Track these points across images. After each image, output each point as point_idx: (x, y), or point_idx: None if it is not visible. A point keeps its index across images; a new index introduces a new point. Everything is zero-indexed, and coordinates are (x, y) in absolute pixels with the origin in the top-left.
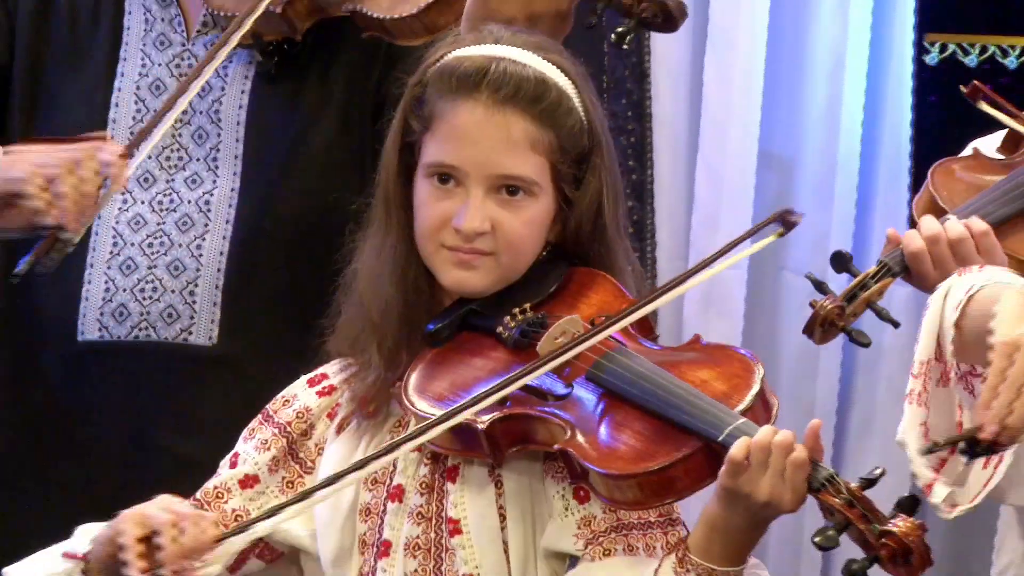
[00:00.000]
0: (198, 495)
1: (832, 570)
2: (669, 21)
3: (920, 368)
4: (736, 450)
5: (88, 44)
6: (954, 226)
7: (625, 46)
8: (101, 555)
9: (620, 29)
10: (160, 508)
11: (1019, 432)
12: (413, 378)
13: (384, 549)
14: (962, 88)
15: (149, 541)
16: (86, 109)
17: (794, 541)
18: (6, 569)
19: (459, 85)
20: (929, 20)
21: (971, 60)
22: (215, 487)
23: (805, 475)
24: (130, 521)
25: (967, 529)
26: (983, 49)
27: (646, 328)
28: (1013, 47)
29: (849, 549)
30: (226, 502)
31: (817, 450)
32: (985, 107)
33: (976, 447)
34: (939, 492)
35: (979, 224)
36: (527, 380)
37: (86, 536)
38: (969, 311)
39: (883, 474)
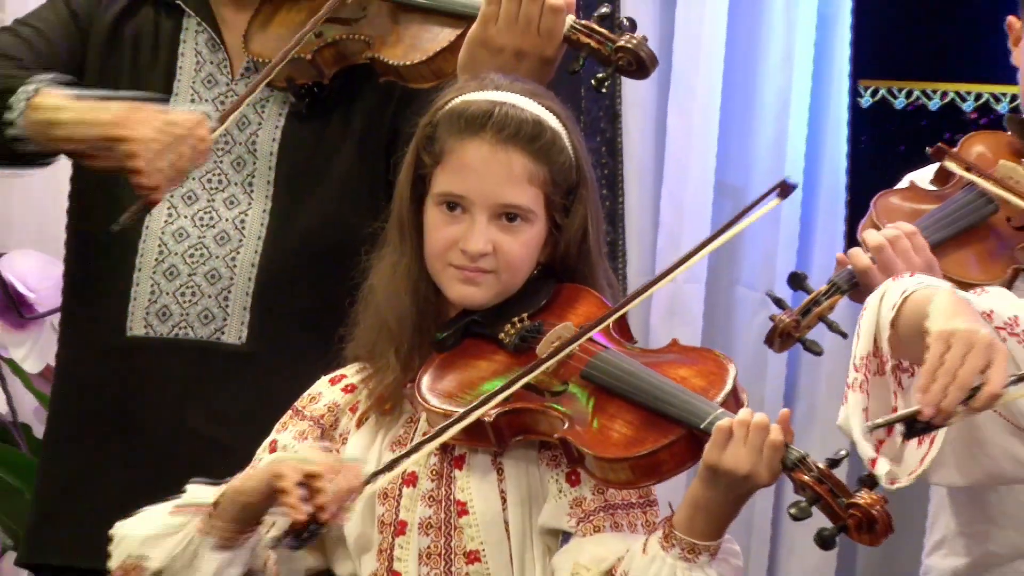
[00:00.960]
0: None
1: (777, 545)
2: (642, 69)
3: (860, 361)
4: (722, 423)
5: (146, 76)
6: (889, 230)
7: (603, 90)
8: (244, 500)
9: (600, 75)
10: (315, 456)
11: (952, 414)
12: (425, 379)
13: (400, 528)
14: (928, 150)
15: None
16: None
17: (746, 520)
18: (117, 526)
19: (467, 125)
20: (862, 67)
21: (899, 103)
22: (257, 461)
23: (780, 454)
24: (289, 466)
25: (902, 508)
26: (909, 93)
27: (628, 334)
28: (936, 91)
29: (814, 523)
30: None
31: (788, 433)
32: (949, 165)
33: (914, 426)
34: (881, 467)
35: (908, 226)
36: (534, 376)
37: (200, 491)
38: (904, 310)
39: (847, 455)
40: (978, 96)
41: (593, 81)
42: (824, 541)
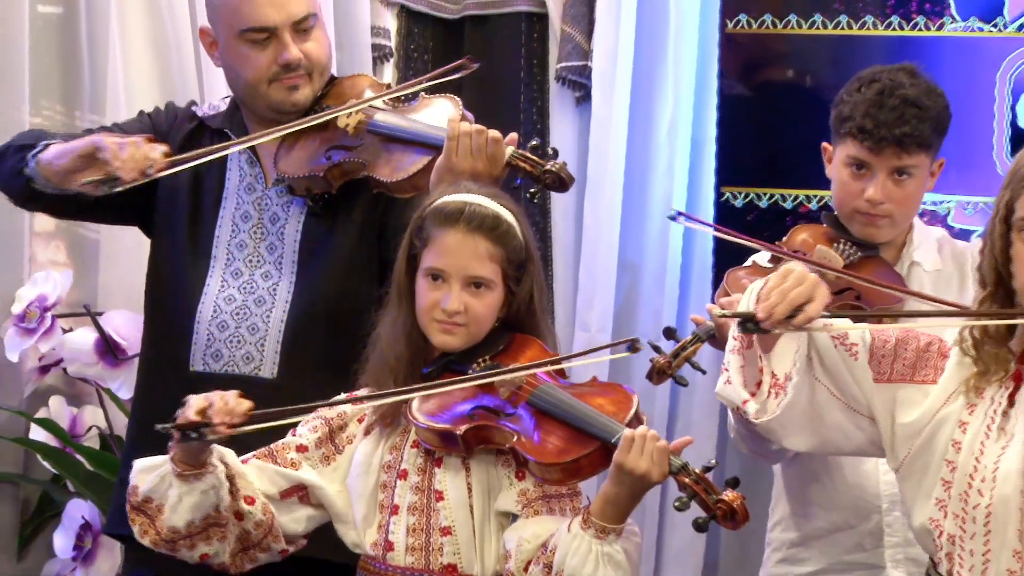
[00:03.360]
0: (272, 447)
1: (663, 528)
2: (563, 186)
3: (734, 342)
4: (628, 433)
5: (205, 182)
6: (736, 297)
7: (535, 201)
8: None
9: (532, 190)
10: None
11: (778, 322)
12: (415, 402)
13: (394, 510)
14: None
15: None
16: (201, 227)
17: (639, 511)
18: (134, 463)
19: (446, 219)
20: (725, 177)
21: (738, 202)
22: (283, 444)
23: (667, 459)
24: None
25: (753, 494)
26: (744, 195)
27: (561, 372)
28: (763, 194)
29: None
30: (287, 453)
31: (676, 450)
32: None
33: (748, 324)
34: (752, 406)
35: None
36: (483, 381)
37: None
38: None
39: (716, 464)
40: (820, 199)
41: (527, 194)
42: (699, 527)
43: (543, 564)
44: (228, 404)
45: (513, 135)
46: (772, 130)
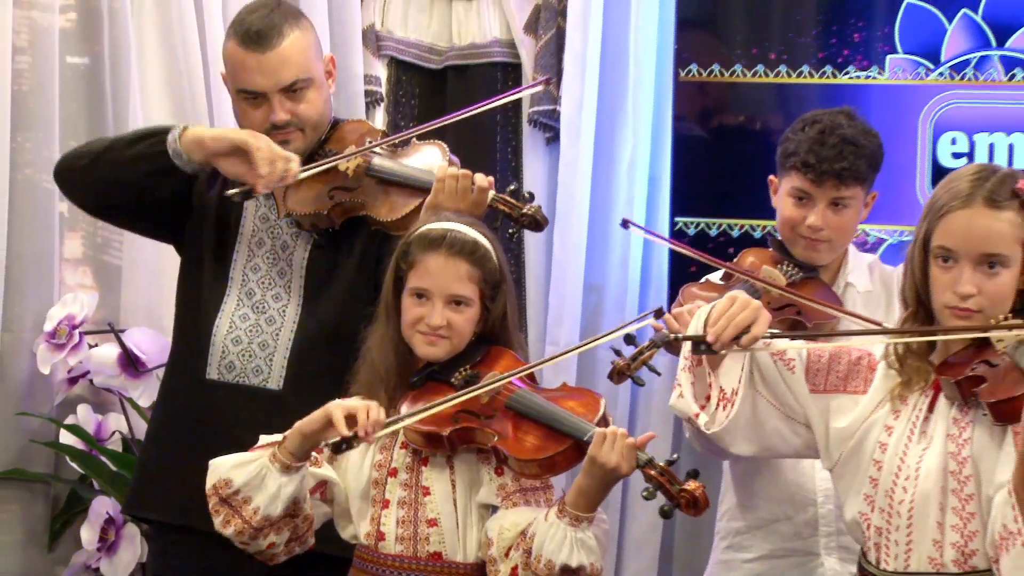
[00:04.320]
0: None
1: (625, 516)
2: (538, 227)
3: (685, 361)
4: (600, 431)
5: (228, 207)
6: (689, 307)
7: (513, 240)
8: (305, 430)
9: (511, 230)
10: (354, 401)
11: (726, 344)
12: (403, 408)
13: (385, 504)
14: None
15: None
16: (222, 250)
17: (602, 504)
18: (212, 461)
19: (430, 244)
20: (678, 208)
21: (691, 231)
22: None
23: (635, 454)
24: (338, 405)
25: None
26: (696, 225)
27: (534, 379)
28: (713, 224)
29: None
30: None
31: (642, 446)
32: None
33: (700, 346)
34: (702, 419)
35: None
36: (468, 396)
37: (271, 437)
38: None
39: (678, 458)
40: (764, 227)
41: (507, 234)
42: (665, 514)
43: (523, 550)
44: (373, 416)
45: (490, 179)
46: (721, 167)
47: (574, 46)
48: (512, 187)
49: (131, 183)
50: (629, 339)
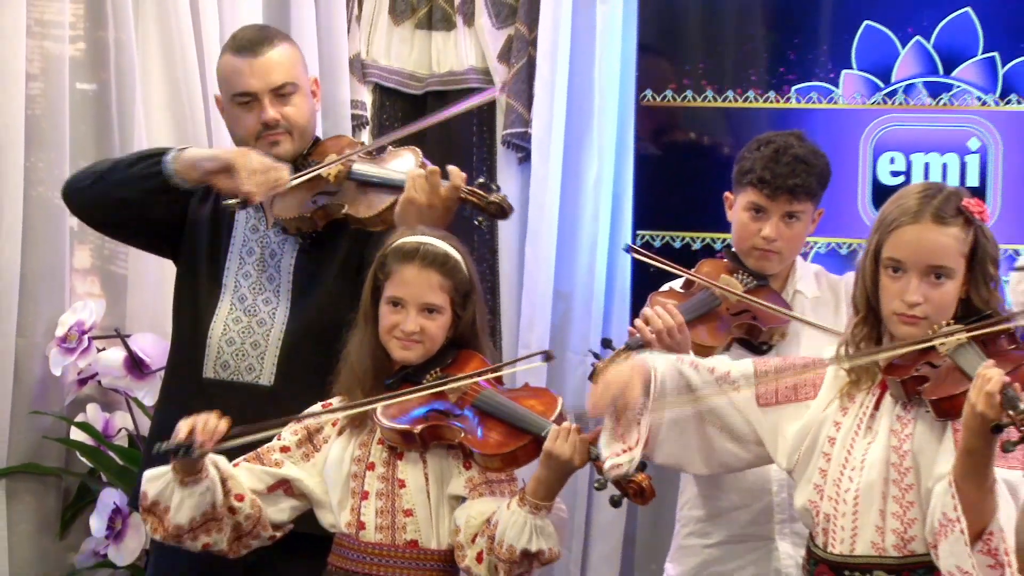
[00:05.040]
0: (259, 451)
1: (592, 507)
2: (505, 215)
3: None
4: (555, 428)
5: (221, 219)
6: (664, 316)
7: (482, 226)
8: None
9: (479, 219)
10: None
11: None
12: (379, 408)
13: (364, 495)
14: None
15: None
16: (215, 259)
17: (571, 494)
18: (144, 472)
19: (404, 256)
20: (641, 221)
21: (657, 243)
22: (268, 447)
23: (587, 448)
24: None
25: (667, 482)
26: (661, 238)
27: (500, 380)
28: (676, 236)
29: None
30: (271, 455)
31: (594, 440)
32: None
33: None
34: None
35: (679, 317)
36: (438, 390)
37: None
38: None
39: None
40: (724, 240)
41: (476, 221)
42: (614, 503)
43: (487, 536)
44: (210, 426)
45: (463, 174)
46: (679, 183)
47: (544, 74)
48: (480, 180)
49: (132, 201)
50: (606, 343)
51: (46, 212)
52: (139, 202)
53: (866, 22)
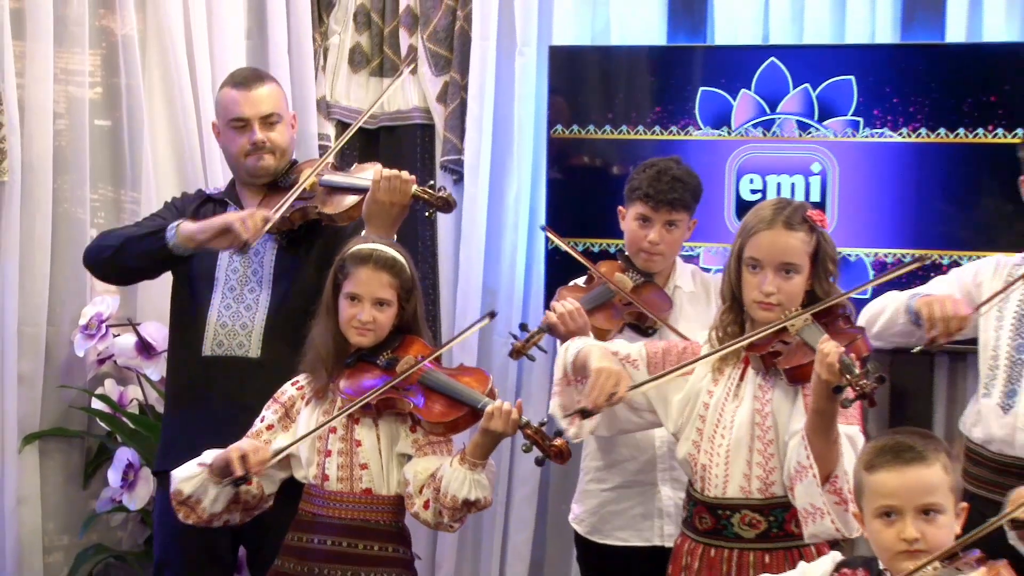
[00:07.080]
0: (249, 433)
1: (515, 461)
2: (450, 208)
3: (558, 381)
4: (489, 409)
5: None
6: (566, 304)
7: (431, 219)
8: (218, 463)
9: (428, 212)
10: (247, 443)
11: (600, 407)
12: (341, 382)
13: (328, 453)
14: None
15: (243, 457)
16: (208, 257)
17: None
18: (173, 472)
19: (360, 260)
20: (556, 227)
21: (580, 247)
22: (256, 431)
23: (516, 420)
24: (234, 449)
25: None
26: (581, 244)
27: (439, 360)
28: (579, 243)
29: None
30: (259, 435)
31: (520, 410)
32: (595, 274)
33: (585, 412)
34: (571, 432)
35: (576, 303)
36: (395, 382)
37: (209, 456)
38: (577, 356)
39: (548, 420)
40: (618, 245)
41: (426, 214)
42: (539, 463)
43: (433, 488)
44: (260, 457)
45: (414, 177)
46: (582, 200)
47: (474, 112)
48: (430, 182)
49: (144, 268)
50: (523, 327)
51: (69, 224)
52: (150, 268)
53: (701, 88)
